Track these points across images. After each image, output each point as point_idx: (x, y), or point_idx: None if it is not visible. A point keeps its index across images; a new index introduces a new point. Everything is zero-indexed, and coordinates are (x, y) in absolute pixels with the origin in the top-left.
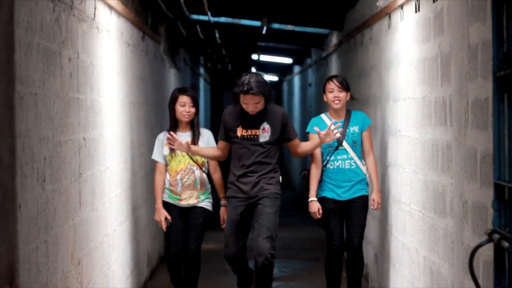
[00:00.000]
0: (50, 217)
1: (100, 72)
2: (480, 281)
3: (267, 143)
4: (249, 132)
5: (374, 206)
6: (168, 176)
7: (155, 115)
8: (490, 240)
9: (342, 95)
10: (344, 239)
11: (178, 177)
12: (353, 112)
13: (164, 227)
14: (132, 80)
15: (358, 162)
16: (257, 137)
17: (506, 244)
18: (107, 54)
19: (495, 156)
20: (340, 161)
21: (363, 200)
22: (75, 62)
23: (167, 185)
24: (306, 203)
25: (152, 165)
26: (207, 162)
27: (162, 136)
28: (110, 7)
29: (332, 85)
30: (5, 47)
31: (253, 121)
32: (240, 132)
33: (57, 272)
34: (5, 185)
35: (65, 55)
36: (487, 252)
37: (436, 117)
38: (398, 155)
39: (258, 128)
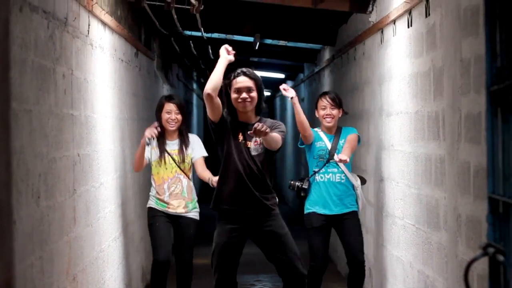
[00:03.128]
0: (45, 233)
1: (94, 88)
2: None
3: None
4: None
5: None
6: (153, 183)
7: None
8: (485, 254)
9: (335, 112)
10: (328, 256)
11: (165, 186)
12: (343, 128)
13: (154, 131)
14: (126, 96)
15: (350, 176)
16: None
17: (501, 257)
18: (101, 70)
19: (489, 170)
20: (330, 174)
21: (355, 216)
22: (69, 78)
23: (153, 193)
24: (300, 217)
25: (145, 182)
26: (193, 168)
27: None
28: (104, 23)
29: (325, 102)
30: (1, 64)
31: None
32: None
33: None
34: (0, 202)
35: (59, 71)
36: (481, 266)
37: (429, 132)
38: (391, 169)
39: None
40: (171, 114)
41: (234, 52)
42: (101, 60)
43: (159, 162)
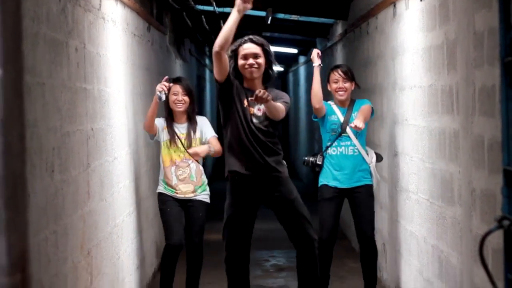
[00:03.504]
0: (59, 207)
1: (106, 62)
2: (490, 269)
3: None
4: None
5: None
6: (162, 164)
7: (161, 106)
8: (500, 226)
9: (347, 85)
10: (338, 230)
11: (173, 169)
12: (357, 101)
13: (165, 83)
14: (139, 71)
15: (362, 150)
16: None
17: None
18: (113, 44)
19: (504, 142)
20: (343, 147)
21: (368, 189)
22: (82, 52)
23: (161, 177)
24: (314, 193)
25: (159, 156)
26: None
27: (162, 121)
28: None
29: (337, 76)
30: (12, 37)
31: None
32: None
33: (67, 262)
34: (15, 173)
35: (71, 45)
36: (496, 240)
37: (443, 105)
38: (405, 143)
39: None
40: (178, 95)
41: None
42: (114, 34)
43: (168, 144)
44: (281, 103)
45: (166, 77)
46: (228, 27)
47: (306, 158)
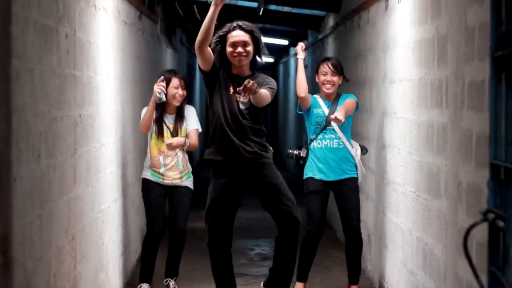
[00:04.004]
0: (45, 192)
1: (96, 49)
2: (474, 262)
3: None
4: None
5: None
6: (149, 154)
7: (151, 94)
8: (485, 219)
9: (335, 79)
10: (325, 222)
11: (161, 158)
12: (343, 95)
13: (162, 84)
14: (129, 59)
15: (347, 143)
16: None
17: (501, 223)
18: (104, 32)
19: (491, 136)
20: (328, 140)
21: (354, 182)
22: (72, 39)
23: (147, 164)
24: (301, 183)
25: (146, 144)
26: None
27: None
28: None
29: (326, 68)
30: (2, 20)
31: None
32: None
33: (51, 247)
34: (0, 156)
35: (62, 31)
36: (480, 234)
37: (432, 99)
38: (393, 136)
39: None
40: (179, 89)
41: None
42: (104, 22)
43: (157, 134)
44: (267, 89)
45: (162, 77)
46: (207, 22)
47: (290, 150)
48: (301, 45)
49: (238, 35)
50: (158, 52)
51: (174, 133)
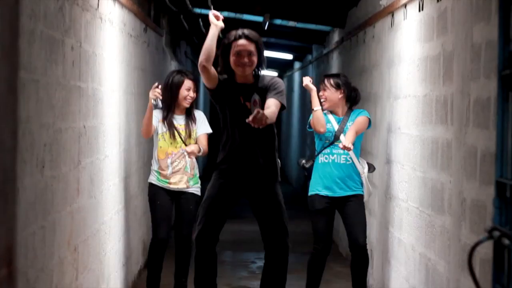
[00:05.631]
0: (48, 203)
1: (102, 61)
2: (477, 279)
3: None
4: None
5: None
6: (156, 157)
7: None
8: (490, 237)
9: (327, 93)
10: (332, 239)
11: (169, 161)
12: (354, 111)
13: (157, 91)
14: (134, 71)
15: (355, 159)
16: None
17: (506, 241)
18: (110, 44)
19: (497, 154)
20: (335, 155)
21: (359, 199)
22: (78, 51)
23: (155, 167)
24: (303, 197)
25: (150, 157)
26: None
27: (158, 113)
28: None
29: (323, 84)
30: (9, 32)
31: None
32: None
33: (53, 258)
34: (6, 167)
35: (68, 43)
36: (484, 250)
37: (437, 116)
38: (397, 152)
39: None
40: (190, 91)
41: (222, 17)
42: (110, 34)
43: (164, 136)
44: (274, 97)
45: (156, 83)
46: (209, 41)
47: (299, 159)
48: (308, 79)
49: (243, 44)
50: (162, 65)
51: (187, 135)
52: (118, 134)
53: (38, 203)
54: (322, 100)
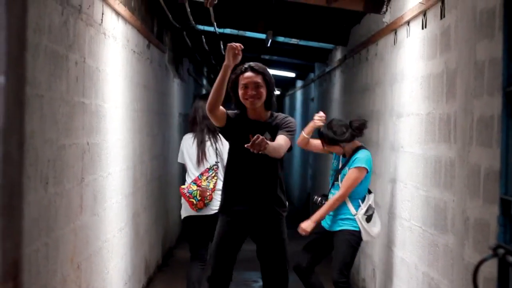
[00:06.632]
0: (51, 219)
1: (105, 77)
2: None
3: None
4: None
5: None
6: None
7: (158, 124)
8: (495, 255)
9: (334, 149)
10: (307, 265)
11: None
12: (358, 152)
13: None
14: (137, 88)
15: (347, 201)
16: None
17: (511, 259)
18: (113, 60)
19: (502, 172)
20: (331, 195)
21: (344, 234)
22: (82, 66)
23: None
24: (305, 217)
25: (153, 174)
26: None
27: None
28: (118, 13)
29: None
30: (17, 46)
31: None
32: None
33: (56, 275)
34: (13, 181)
35: (72, 58)
36: (488, 269)
37: (440, 134)
38: (400, 171)
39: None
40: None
41: (242, 47)
42: (114, 50)
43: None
44: (284, 133)
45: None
46: (218, 84)
47: (313, 197)
48: (321, 115)
49: (249, 76)
50: (165, 82)
51: None
52: (121, 151)
53: (41, 220)
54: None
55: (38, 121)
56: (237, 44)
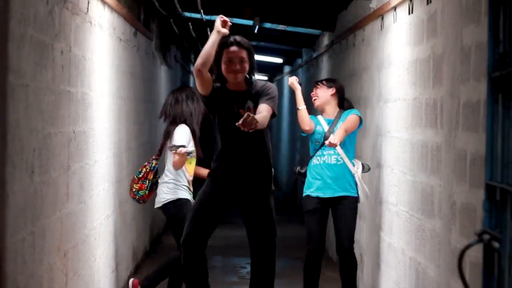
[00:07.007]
0: (38, 208)
1: (91, 66)
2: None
3: None
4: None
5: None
6: (187, 174)
7: (144, 111)
8: (480, 240)
9: (319, 91)
10: (325, 241)
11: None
12: (345, 112)
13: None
14: (123, 76)
15: (346, 159)
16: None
17: (496, 244)
18: (99, 48)
19: (487, 157)
20: (326, 156)
21: (351, 202)
22: (67, 55)
23: (185, 182)
24: (293, 202)
25: (140, 162)
26: None
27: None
28: (104, 1)
29: (315, 85)
30: None
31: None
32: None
33: (42, 264)
34: None
35: (57, 48)
36: (474, 254)
37: (427, 119)
38: (387, 156)
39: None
40: None
41: (230, 24)
42: (100, 38)
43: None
44: (265, 101)
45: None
46: (209, 47)
47: (294, 168)
48: (294, 79)
49: (235, 51)
50: (152, 69)
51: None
52: (107, 139)
53: (27, 209)
54: (313, 98)
55: (24, 111)
56: (226, 19)
